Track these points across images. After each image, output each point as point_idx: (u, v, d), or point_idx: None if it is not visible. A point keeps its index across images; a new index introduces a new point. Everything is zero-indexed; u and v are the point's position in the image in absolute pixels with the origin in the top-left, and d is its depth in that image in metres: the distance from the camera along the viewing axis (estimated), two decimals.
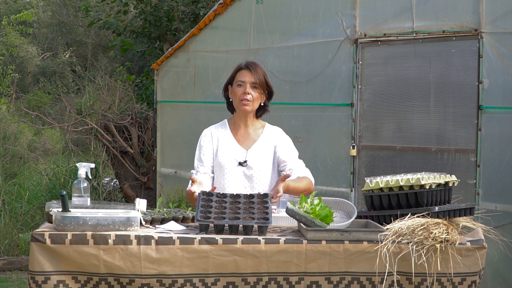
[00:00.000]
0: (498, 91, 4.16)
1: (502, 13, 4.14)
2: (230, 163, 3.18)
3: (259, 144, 3.22)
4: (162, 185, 6.76)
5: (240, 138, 3.23)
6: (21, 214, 7.28)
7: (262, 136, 3.24)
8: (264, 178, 3.18)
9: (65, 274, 2.48)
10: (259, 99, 3.19)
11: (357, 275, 2.55)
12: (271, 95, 3.25)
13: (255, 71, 3.15)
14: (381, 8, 4.71)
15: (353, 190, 4.87)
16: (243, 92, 3.14)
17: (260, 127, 3.27)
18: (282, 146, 3.24)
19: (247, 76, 3.15)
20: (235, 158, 3.18)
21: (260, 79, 3.15)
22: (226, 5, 5.82)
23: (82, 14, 11.46)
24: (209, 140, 3.25)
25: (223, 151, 3.20)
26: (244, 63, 3.20)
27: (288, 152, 3.24)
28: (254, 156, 3.18)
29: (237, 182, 3.17)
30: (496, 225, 3.44)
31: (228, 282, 2.51)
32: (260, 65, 3.21)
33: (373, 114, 4.82)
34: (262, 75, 3.17)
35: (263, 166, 3.18)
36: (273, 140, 3.24)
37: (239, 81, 3.16)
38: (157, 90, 6.79)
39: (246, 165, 3.17)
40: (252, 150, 3.20)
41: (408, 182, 2.77)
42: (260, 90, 3.16)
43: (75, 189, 2.88)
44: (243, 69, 3.18)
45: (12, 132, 12.70)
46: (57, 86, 18.72)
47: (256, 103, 3.18)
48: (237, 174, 3.17)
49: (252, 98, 3.15)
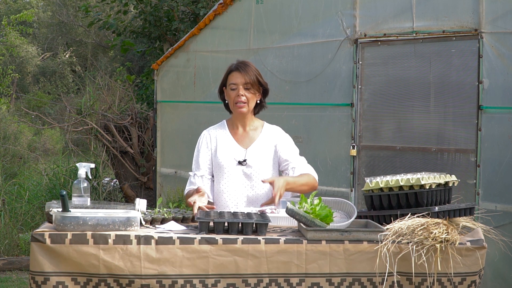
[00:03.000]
0: (498, 91, 4.16)
1: (502, 13, 4.14)
2: (229, 162, 3.18)
3: (259, 143, 3.22)
4: (162, 185, 6.76)
5: (239, 137, 3.24)
6: (21, 214, 7.28)
7: (261, 135, 3.24)
8: (264, 177, 3.18)
9: (65, 275, 2.47)
10: (254, 98, 3.18)
11: (358, 276, 2.54)
12: (266, 92, 3.24)
13: (245, 72, 3.14)
14: (381, 8, 4.71)
15: (353, 190, 4.87)
16: (237, 95, 3.14)
17: (259, 126, 3.27)
18: (283, 145, 3.24)
19: (239, 78, 3.14)
20: (234, 157, 3.19)
21: (252, 79, 3.14)
22: (226, 5, 5.82)
23: (82, 14, 11.46)
24: (207, 141, 3.26)
25: (222, 151, 3.20)
26: (235, 65, 3.19)
27: (289, 150, 3.23)
28: (254, 155, 3.19)
29: (236, 181, 3.17)
30: (496, 225, 3.44)
31: (228, 283, 2.51)
32: (251, 64, 3.20)
33: (373, 114, 4.82)
34: (253, 74, 3.15)
35: (263, 165, 3.19)
36: (272, 139, 3.24)
37: (231, 83, 3.16)
38: (157, 90, 6.79)
39: (245, 164, 3.17)
40: (251, 149, 3.20)
41: (408, 182, 2.77)
42: (253, 90, 3.16)
43: (75, 189, 2.88)
44: (234, 71, 3.17)
45: (12, 132, 12.71)
46: (57, 86, 18.72)
47: (251, 103, 3.18)
48: (237, 173, 3.17)
49: (247, 99, 3.15)
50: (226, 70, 3.23)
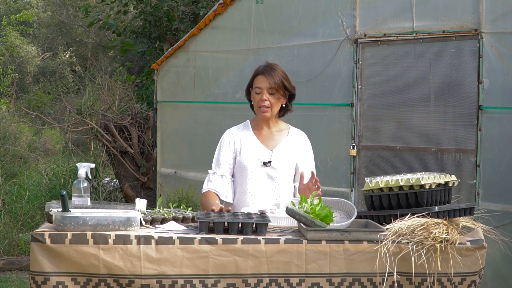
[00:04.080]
0: (498, 91, 4.16)
1: (502, 13, 4.14)
2: (254, 163, 3.16)
3: (284, 146, 3.21)
4: (162, 185, 6.76)
5: (263, 138, 3.22)
6: (21, 214, 7.28)
7: (287, 138, 3.24)
8: (287, 179, 3.19)
9: (65, 275, 2.47)
10: (278, 103, 3.16)
11: (358, 276, 2.54)
12: (293, 96, 3.22)
13: (271, 76, 3.11)
14: (381, 8, 4.71)
15: (353, 190, 4.87)
16: (261, 99, 3.13)
17: (284, 128, 3.27)
18: (305, 158, 3.24)
19: (264, 82, 3.12)
20: (259, 158, 3.17)
21: (277, 83, 3.11)
22: (226, 5, 5.82)
23: (82, 14, 11.46)
24: (229, 141, 3.23)
25: (247, 152, 3.18)
26: (261, 68, 3.17)
27: (308, 167, 3.23)
28: (279, 157, 3.18)
29: (260, 183, 3.16)
30: (496, 225, 3.44)
31: (228, 283, 2.51)
32: (278, 68, 3.16)
33: (373, 114, 4.82)
34: (279, 78, 3.12)
35: (287, 167, 3.18)
36: (298, 144, 3.24)
37: (256, 87, 3.15)
38: (157, 90, 6.79)
39: (270, 166, 3.16)
40: (277, 150, 3.19)
41: (408, 182, 2.77)
42: (278, 95, 3.14)
43: (75, 189, 2.88)
44: (260, 75, 3.15)
45: (12, 132, 12.71)
46: (57, 86, 18.72)
47: (275, 107, 3.16)
48: (260, 175, 3.16)
49: (270, 103, 3.13)
50: (253, 71, 3.21)
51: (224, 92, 5.98)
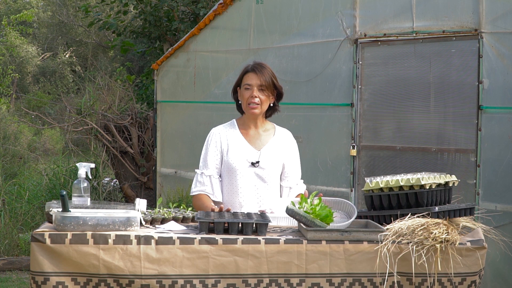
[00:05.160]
0: (498, 91, 4.16)
1: (502, 13, 4.14)
2: (242, 163, 3.16)
3: (271, 146, 3.21)
4: (162, 185, 6.76)
5: (250, 138, 3.22)
6: (21, 214, 7.28)
7: (274, 138, 3.24)
8: (276, 178, 3.20)
9: (65, 275, 2.47)
10: (267, 101, 3.17)
11: (358, 276, 2.54)
12: (281, 95, 3.23)
13: (261, 74, 3.13)
14: (381, 8, 4.71)
15: (353, 190, 4.87)
16: (250, 96, 3.13)
17: (270, 128, 3.27)
18: (291, 158, 3.25)
19: (254, 79, 3.13)
20: (247, 159, 3.17)
21: (267, 81, 3.13)
22: (226, 5, 5.82)
23: (82, 14, 11.45)
24: (216, 141, 3.22)
25: (234, 152, 3.18)
26: (251, 66, 3.18)
27: (294, 167, 3.26)
28: (267, 157, 3.18)
29: (249, 183, 3.16)
30: (496, 225, 3.44)
31: (228, 283, 2.51)
32: (267, 66, 3.18)
33: (373, 114, 4.82)
34: (269, 77, 3.14)
35: (275, 167, 3.19)
36: (285, 144, 3.25)
37: (246, 84, 3.15)
38: (157, 90, 6.79)
39: (258, 166, 3.16)
40: (265, 150, 3.19)
41: (408, 182, 2.77)
42: (267, 93, 3.15)
43: (75, 189, 2.88)
44: (250, 72, 3.16)
45: (12, 132, 12.72)
46: (57, 86, 18.72)
47: (264, 105, 3.17)
48: (249, 175, 3.16)
49: (260, 101, 3.14)
50: (242, 70, 3.21)
51: (224, 92, 5.98)
